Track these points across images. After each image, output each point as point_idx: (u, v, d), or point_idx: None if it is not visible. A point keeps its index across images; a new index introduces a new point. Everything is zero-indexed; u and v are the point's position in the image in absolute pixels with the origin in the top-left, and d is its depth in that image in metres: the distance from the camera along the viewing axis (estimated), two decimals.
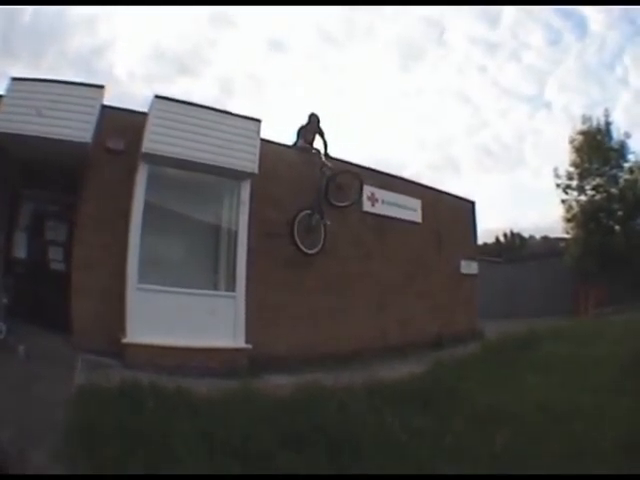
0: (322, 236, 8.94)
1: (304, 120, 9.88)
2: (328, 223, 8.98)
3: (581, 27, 50.62)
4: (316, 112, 9.94)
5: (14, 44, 55.93)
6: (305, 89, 61.64)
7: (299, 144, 9.78)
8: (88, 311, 7.03)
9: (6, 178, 7.58)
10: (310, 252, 8.74)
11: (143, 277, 7.23)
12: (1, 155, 7.23)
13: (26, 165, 7.48)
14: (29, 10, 57.09)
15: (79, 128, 7.11)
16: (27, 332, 6.63)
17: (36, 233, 8.39)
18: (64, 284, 7.25)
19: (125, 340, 6.88)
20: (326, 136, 9.86)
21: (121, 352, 6.78)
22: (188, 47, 59.64)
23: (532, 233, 37.32)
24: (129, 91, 56.31)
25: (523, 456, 4.08)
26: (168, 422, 4.34)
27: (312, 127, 9.85)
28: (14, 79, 7.18)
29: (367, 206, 10.14)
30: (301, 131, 9.87)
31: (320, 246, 8.87)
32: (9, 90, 7.06)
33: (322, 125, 9.94)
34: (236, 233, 8.08)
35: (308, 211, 8.78)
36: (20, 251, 8.23)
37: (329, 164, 9.28)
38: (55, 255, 8.28)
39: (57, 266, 8.14)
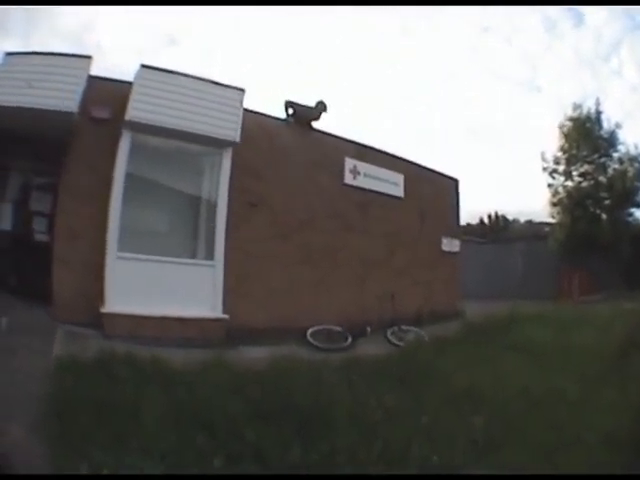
0: None
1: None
2: None
3: (578, 17, 49.84)
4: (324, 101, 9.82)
5: (10, 20, 54.87)
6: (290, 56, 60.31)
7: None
8: (69, 282, 7.02)
9: None
10: None
11: (123, 246, 7.23)
12: None
13: (15, 137, 7.43)
14: None
15: (65, 98, 7.09)
16: (10, 305, 6.63)
17: (22, 205, 8.40)
18: (48, 255, 7.20)
19: (104, 310, 6.87)
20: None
21: (101, 322, 6.78)
22: (176, 17, 58.23)
23: (516, 217, 37.19)
24: (118, 63, 55.14)
25: (502, 443, 4.01)
26: (140, 393, 4.38)
27: (314, 115, 9.78)
28: (8, 54, 7.25)
29: (349, 179, 10.04)
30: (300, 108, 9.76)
31: None
32: (2, 64, 7.11)
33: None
34: (216, 202, 8.11)
35: None
36: (5, 223, 8.27)
37: None
38: (39, 226, 8.28)
39: (41, 237, 8.13)
